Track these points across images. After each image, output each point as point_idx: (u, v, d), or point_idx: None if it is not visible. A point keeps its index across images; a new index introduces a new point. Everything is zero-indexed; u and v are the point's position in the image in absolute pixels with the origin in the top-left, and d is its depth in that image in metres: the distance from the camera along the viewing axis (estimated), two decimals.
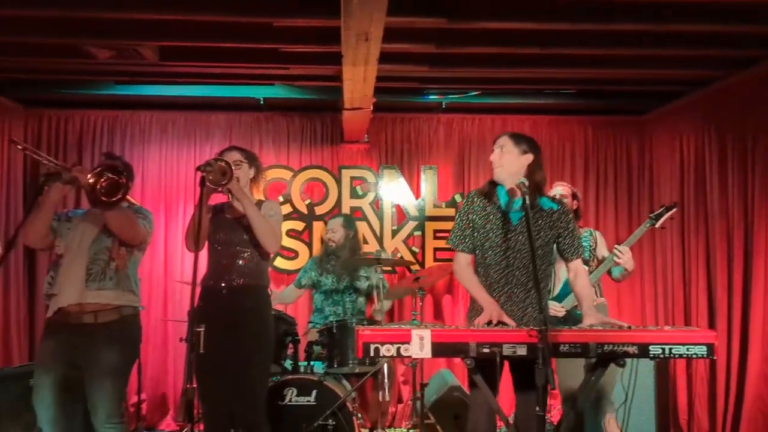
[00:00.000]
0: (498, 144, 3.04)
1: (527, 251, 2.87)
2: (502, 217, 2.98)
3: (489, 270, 2.98)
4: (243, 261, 3.41)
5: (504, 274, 2.96)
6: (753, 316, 4.55)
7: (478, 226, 3.00)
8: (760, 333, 4.50)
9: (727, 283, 4.81)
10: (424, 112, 5.84)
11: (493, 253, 2.96)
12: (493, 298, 2.92)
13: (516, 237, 2.95)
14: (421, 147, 5.89)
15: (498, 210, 2.99)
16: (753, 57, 4.48)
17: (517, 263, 2.95)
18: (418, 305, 4.59)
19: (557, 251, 3.07)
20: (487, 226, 2.98)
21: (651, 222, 3.84)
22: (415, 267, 5.56)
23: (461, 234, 3.03)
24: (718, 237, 4.90)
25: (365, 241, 5.58)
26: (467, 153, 5.87)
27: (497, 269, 2.97)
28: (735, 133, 4.79)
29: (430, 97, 5.53)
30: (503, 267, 2.96)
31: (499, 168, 3.01)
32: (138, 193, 5.51)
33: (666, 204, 3.93)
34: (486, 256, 2.98)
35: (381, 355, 2.52)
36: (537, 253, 2.83)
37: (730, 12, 3.83)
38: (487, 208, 3.01)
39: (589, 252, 3.90)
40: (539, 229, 2.96)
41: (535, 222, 2.95)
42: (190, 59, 4.57)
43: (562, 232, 3.02)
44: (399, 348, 2.51)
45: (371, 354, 2.50)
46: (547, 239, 2.99)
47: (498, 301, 2.91)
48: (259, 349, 3.39)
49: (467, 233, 3.02)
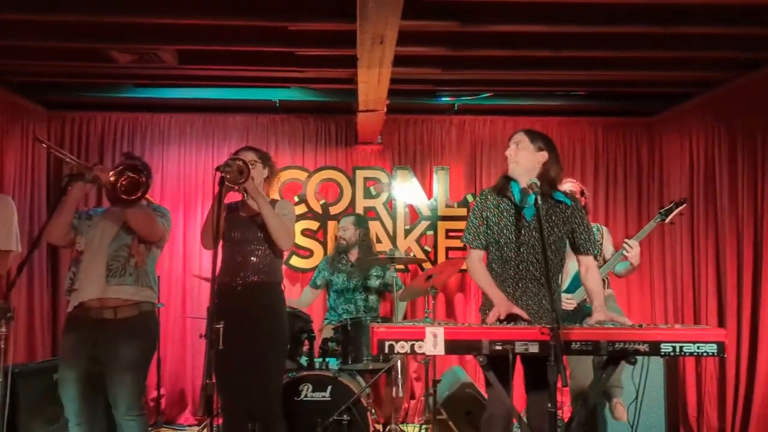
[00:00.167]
0: (514, 140, 3.06)
1: (540, 246, 2.88)
2: (515, 213, 3.01)
3: (504, 265, 3.02)
4: (257, 258, 3.45)
5: (519, 269, 2.99)
6: (763, 314, 4.55)
7: (492, 223, 3.03)
8: None
9: (737, 282, 4.81)
10: (436, 113, 5.88)
11: (508, 249, 3.00)
12: (509, 292, 2.96)
13: (530, 232, 2.97)
14: (434, 148, 5.93)
15: (512, 206, 3.02)
16: (762, 58, 4.49)
17: (531, 258, 2.98)
18: (430, 303, 4.62)
19: (571, 246, 3.09)
20: (501, 222, 3.01)
21: (661, 217, 3.89)
22: (427, 265, 5.60)
23: (475, 231, 3.06)
24: (727, 236, 4.90)
25: (378, 241, 5.63)
26: (479, 154, 5.91)
27: (512, 264, 3.00)
28: (744, 132, 4.79)
29: (442, 99, 5.56)
30: (518, 262, 2.99)
31: (514, 164, 3.03)
32: (157, 193, 5.60)
33: (675, 200, 3.99)
34: (501, 251, 3.02)
35: (395, 352, 2.53)
36: (551, 248, 2.86)
37: (738, 14, 3.85)
38: (501, 204, 3.03)
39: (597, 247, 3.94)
40: (553, 225, 2.99)
41: (549, 216, 2.98)
42: (207, 62, 4.62)
43: (576, 227, 3.03)
44: (413, 345, 2.52)
45: (386, 351, 2.52)
46: (561, 234, 3.02)
47: (513, 295, 2.95)
48: (274, 346, 3.42)
49: (481, 230, 3.05)
